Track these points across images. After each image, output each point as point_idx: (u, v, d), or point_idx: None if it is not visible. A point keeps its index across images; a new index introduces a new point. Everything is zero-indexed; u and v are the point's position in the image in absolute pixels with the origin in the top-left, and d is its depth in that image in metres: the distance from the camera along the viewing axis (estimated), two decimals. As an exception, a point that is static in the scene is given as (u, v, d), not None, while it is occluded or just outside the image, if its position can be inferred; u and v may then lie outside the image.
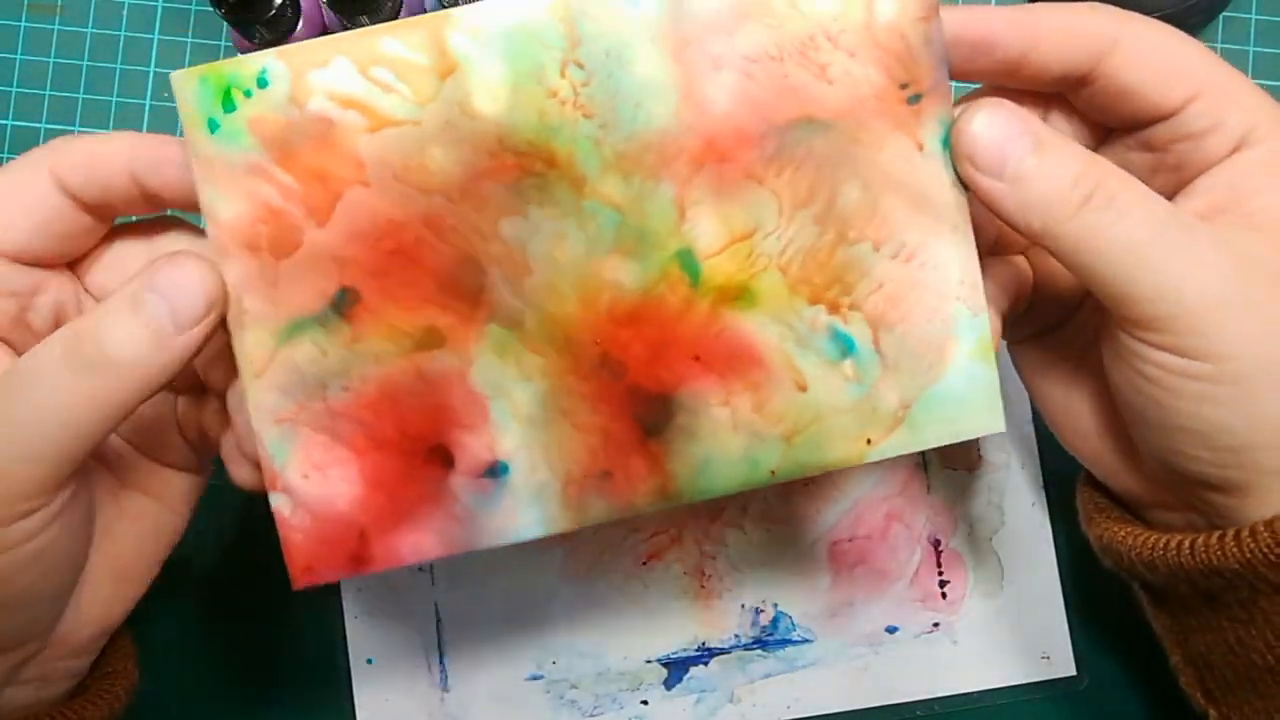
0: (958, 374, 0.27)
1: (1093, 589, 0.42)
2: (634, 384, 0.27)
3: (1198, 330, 0.25)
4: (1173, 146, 0.27)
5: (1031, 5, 0.27)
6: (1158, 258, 0.25)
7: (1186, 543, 0.27)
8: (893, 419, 0.27)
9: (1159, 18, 0.41)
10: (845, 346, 0.27)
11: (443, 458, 0.27)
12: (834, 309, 0.27)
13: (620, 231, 0.27)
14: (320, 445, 0.27)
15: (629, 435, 0.27)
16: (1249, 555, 0.26)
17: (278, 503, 0.27)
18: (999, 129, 0.26)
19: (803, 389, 0.27)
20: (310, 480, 0.27)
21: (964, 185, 0.27)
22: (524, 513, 0.28)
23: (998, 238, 0.31)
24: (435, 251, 0.27)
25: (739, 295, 0.27)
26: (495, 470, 0.27)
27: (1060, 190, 0.25)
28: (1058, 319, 0.32)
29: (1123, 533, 0.30)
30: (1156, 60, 0.27)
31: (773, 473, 0.28)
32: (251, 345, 0.26)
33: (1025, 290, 0.31)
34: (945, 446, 0.42)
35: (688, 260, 0.27)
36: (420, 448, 0.27)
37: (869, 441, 0.27)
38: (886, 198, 0.27)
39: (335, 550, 0.27)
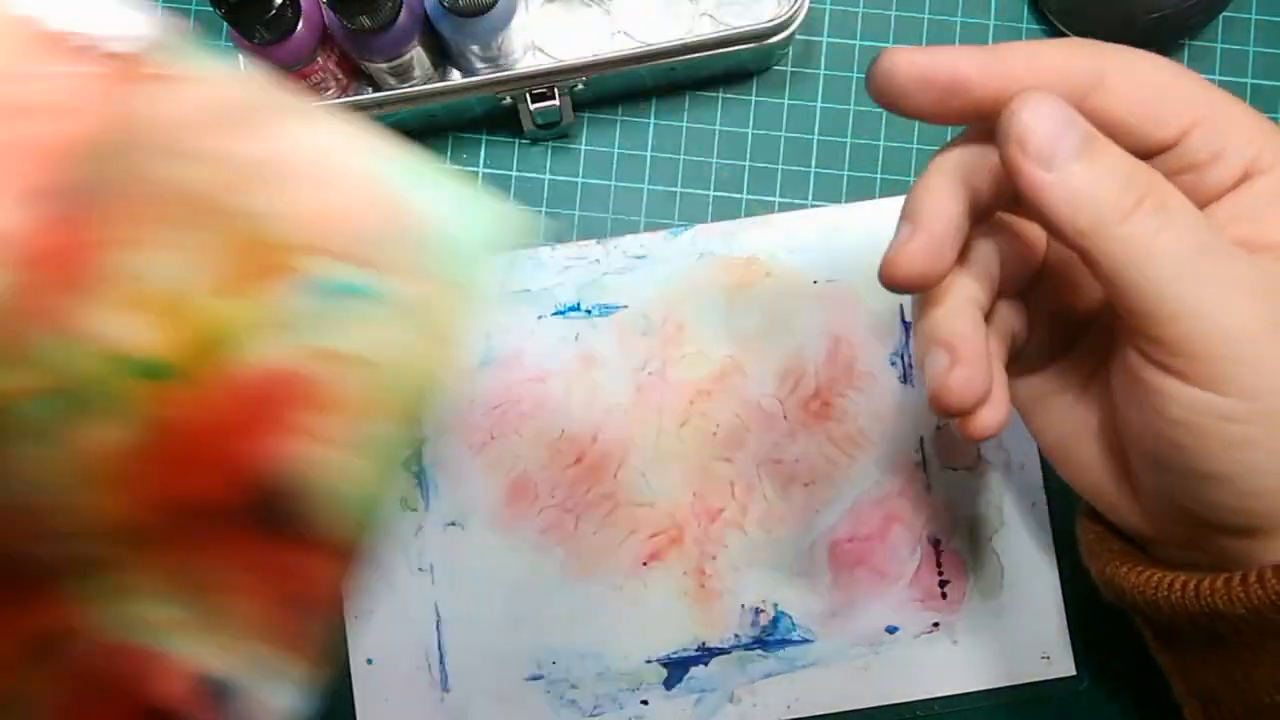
0: None
1: (1093, 589, 0.42)
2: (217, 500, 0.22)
3: (1234, 359, 0.24)
4: (1176, 178, 0.26)
5: (1002, 44, 0.26)
6: (1202, 275, 0.24)
7: (1191, 584, 0.27)
8: None
9: (1158, 17, 0.41)
10: None
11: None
12: None
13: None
14: None
15: (268, 550, 0.22)
16: (1256, 601, 0.25)
17: None
18: (1050, 118, 0.24)
19: None
20: None
21: (1008, 170, 0.25)
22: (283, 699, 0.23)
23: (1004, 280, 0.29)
24: None
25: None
26: (220, 690, 0.22)
27: (1112, 189, 0.24)
28: (1056, 353, 0.32)
29: (1124, 569, 0.29)
30: (1146, 93, 0.25)
31: None
32: None
33: (1022, 334, 0.31)
34: (945, 446, 0.42)
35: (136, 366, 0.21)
36: None
37: None
38: None
39: None
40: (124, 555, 0.22)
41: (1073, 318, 0.31)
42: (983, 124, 0.27)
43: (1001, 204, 0.28)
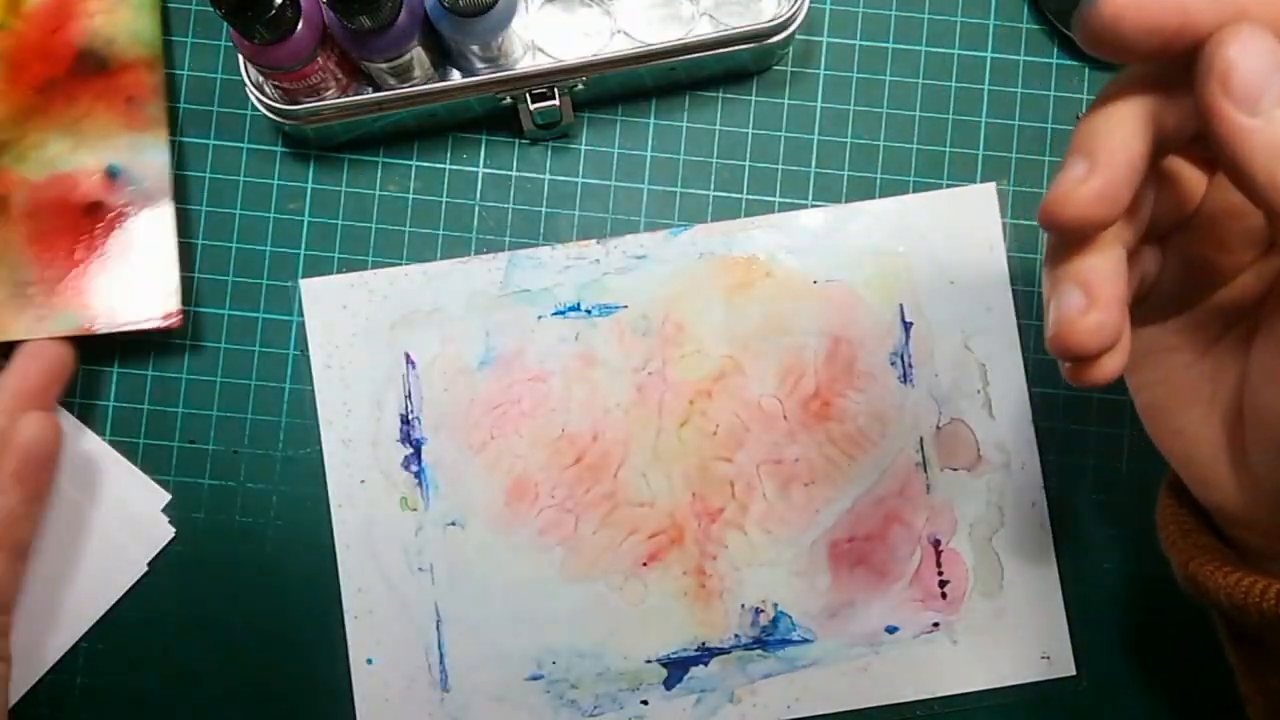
0: None
1: (1093, 589, 0.42)
2: None
3: None
4: None
5: None
6: None
7: None
8: None
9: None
10: None
11: None
12: None
13: None
14: None
15: (104, 81, 0.41)
16: None
17: None
18: (1260, 58, 0.21)
19: None
20: None
21: (1203, 111, 0.22)
22: None
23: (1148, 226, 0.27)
24: None
25: None
26: (114, 171, 0.41)
27: None
28: (1182, 307, 0.29)
29: (1210, 568, 0.27)
30: None
31: None
32: None
33: (1151, 279, 0.28)
34: (945, 446, 0.42)
35: None
36: None
37: None
38: None
39: None
40: (25, 127, 0.41)
41: (1210, 274, 0.28)
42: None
43: (1179, 146, 0.25)
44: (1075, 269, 0.25)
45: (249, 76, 0.40)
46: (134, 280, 0.41)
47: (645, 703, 0.42)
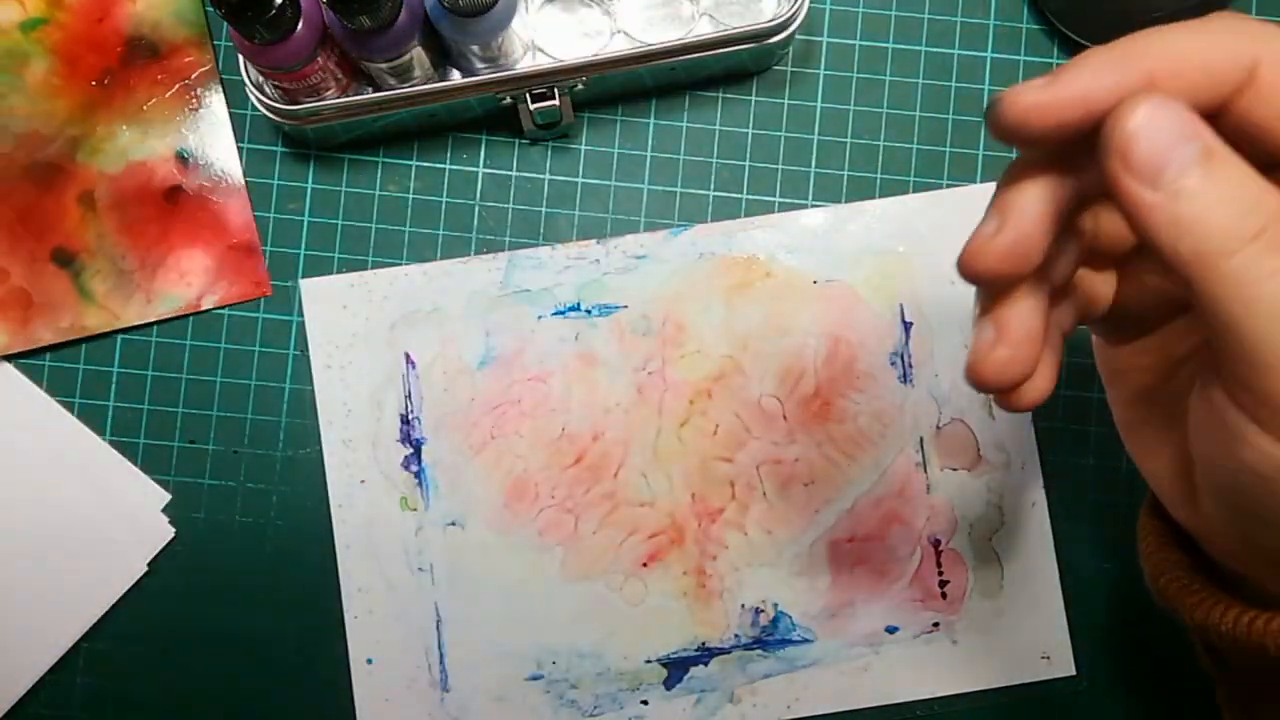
0: None
1: (1093, 589, 0.42)
2: None
3: None
4: None
5: (1133, 41, 0.23)
6: None
7: (1245, 619, 0.25)
8: None
9: (1157, 18, 0.41)
10: None
11: None
12: None
13: None
14: None
15: (158, 66, 0.42)
16: None
17: None
18: (1163, 130, 0.21)
19: None
20: None
21: (1108, 183, 0.22)
22: None
23: (1089, 249, 0.28)
24: None
25: None
26: (183, 157, 0.42)
27: (1226, 217, 0.21)
28: (1150, 327, 0.29)
29: (1176, 586, 0.28)
30: None
31: None
32: None
33: (1104, 302, 0.29)
34: (945, 446, 0.42)
35: None
36: None
37: None
38: None
39: None
40: (93, 120, 0.42)
41: (1164, 298, 0.28)
42: None
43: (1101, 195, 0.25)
44: (991, 308, 0.26)
45: (249, 76, 0.40)
46: (223, 254, 0.43)
47: (645, 703, 0.42)
